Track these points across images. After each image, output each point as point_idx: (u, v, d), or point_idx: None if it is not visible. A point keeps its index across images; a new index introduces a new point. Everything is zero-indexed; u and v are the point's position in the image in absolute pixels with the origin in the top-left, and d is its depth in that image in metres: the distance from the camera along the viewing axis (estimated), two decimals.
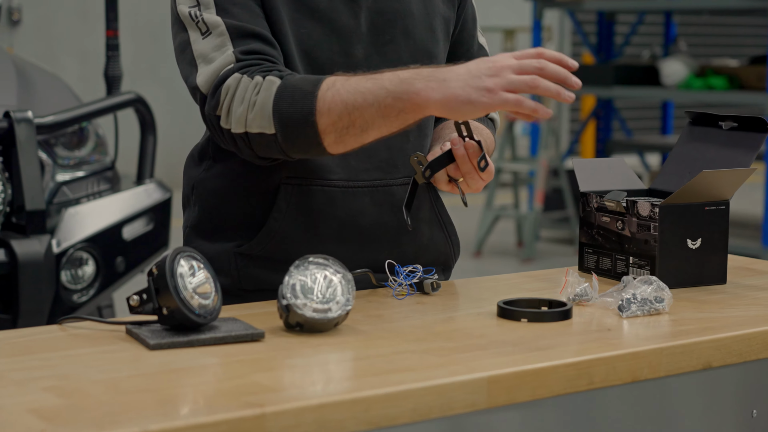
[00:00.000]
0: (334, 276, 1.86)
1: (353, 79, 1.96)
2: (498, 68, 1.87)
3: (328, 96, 1.95)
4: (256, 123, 2.00)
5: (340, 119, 1.96)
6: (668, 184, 2.36)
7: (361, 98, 1.94)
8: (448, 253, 2.36)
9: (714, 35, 15.06)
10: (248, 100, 2.00)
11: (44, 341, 1.81)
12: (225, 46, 2.04)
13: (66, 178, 4.06)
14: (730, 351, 1.87)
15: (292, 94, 1.97)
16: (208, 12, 2.07)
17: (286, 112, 1.97)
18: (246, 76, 2.01)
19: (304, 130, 1.98)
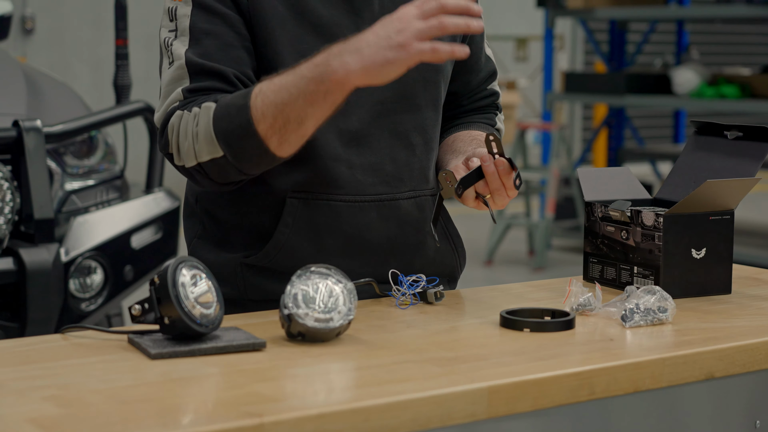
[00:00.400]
0: (336, 286, 1.87)
1: (277, 78, 1.98)
2: (404, 22, 1.87)
3: (258, 102, 1.98)
4: (205, 151, 2.03)
5: (276, 120, 1.98)
6: (673, 194, 2.35)
7: (287, 93, 1.96)
8: (454, 265, 2.35)
9: (726, 44, 15.04)
10: (191, 132, 2.04)
11: (46, 350, 1.82)
12: (182, 80, 2.09)
13: (75, 186, 4.07)
14: (733, 361, 1.87)
15: (228, 112, 2.01)
16: (179, 41, 2.11)
17: (227, 130, 2.01)
18: (186, 111, 2.05)
19: (249, 142, 2.00)
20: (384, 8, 2.18)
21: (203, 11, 2.10)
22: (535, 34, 12.77)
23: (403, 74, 2.18)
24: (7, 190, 3.77)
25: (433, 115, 2.27)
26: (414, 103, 2.23)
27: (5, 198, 3.76)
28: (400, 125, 2.21)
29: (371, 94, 2.17)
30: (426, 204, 2.25)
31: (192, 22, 2.10)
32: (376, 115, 2.19)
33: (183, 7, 2.12)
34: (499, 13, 13.28)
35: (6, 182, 3.77)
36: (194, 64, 2.08)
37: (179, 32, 2.12)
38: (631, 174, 2.42)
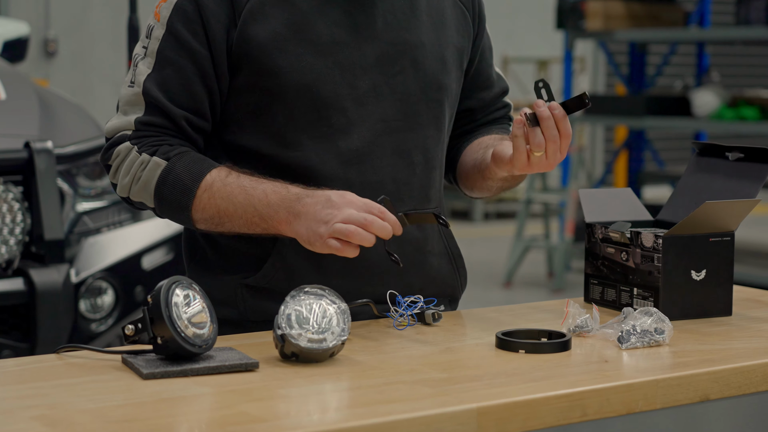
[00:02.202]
0: (329, 306, 1.86)
1: (229, 186, 2.09)
2: (331, 216, 2.00)
3: (204, 197, 2.09)
4: (139, 195, 2.14)
5: (212, 219, 2.10)
6: (674, 215, 2.34)
7: (232, 208, 2.08)
8: (455, 285, 2.34)
9: (746, 65, 15.00)
10: (133, 174, 2.13)
11: (39, 370, 1.82)
12: (137, 106, 2.15)
13: (87, 207, 4.09)
14: (729, 384, 1.86)
15: (173, 184, 2.10)
16: (145, 64, 2.16)
17: (166, 197, 2.12)
18: (135, 150, 2.13)
19: (179, 216, 2.13)
20: (387, 25, 2.19)
21: (174, 40, 2.14)
22: (555, 56, 12.77)
23: (405, 93, 2.19)
24: (18, 210, 3.79)
25: (435, 134, 2.26)
26: (416, 122, 2.23)
27: (16, 219, 3.78)
28: (402, 144, 2.21)
29: (373, 112, 2.17)
30: (427, 223, 2.25)
31: (160, 48, 2.14)
32: (378, 134, 2.19)
33: (158, 29, 2.15)
34: (520, 35, 13.29)
35: (17, 203, 3.79)
36: (150, 96, 2.14)
37: (148, 52, 2.16)
38: (633, 195, 2.41)
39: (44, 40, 10.93)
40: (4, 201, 3.78)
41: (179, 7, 2.13)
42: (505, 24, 13.27)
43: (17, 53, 5.28)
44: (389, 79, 2.20)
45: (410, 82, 2.21)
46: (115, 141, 2.15)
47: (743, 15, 8.20)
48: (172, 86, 2.13)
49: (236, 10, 2.12)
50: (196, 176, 2.09)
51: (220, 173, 2.09)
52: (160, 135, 2.14)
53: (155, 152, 2.11)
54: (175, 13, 2.13)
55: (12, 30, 5.37)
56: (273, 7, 2.13)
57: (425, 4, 2.26)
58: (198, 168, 2.10)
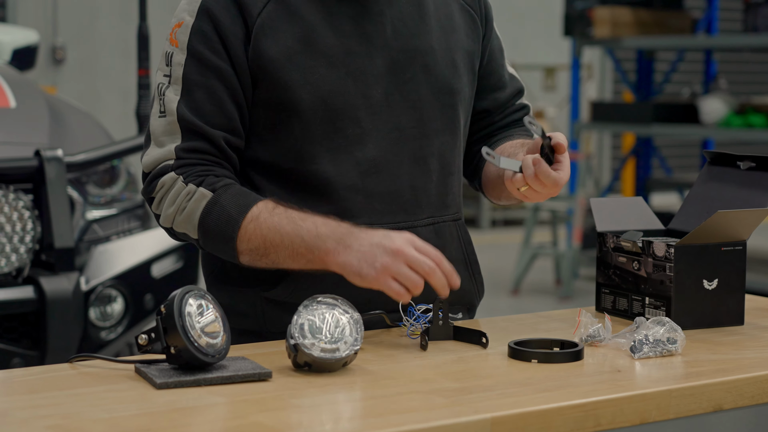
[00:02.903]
0: (342, 316, 1.87)
1: (277, 217, 2.06)
2: (395, 252, 1.97)
3: (249, 228, 2.07)
4: (182, 226, 2.12)
5: (257, 250, 2.08)
6: (686, 225, 2.34)
7: (279, 239, 2.05)
8: (472, 292, 2.33)
9: (754, 73, 14.99)
10: (178, 205, 2.11)
11: (53, 380, 1.82)
12: (174, 135, 2.12)
13: (96, 215, 4.10)
14: (742, 393, 1.86)
15: (218, 216, 2.08)
16: (172, 91, 2.13)
17: (210, 229, 2.10)
18: (181, 180, 2.11)
19: (223, 248, 2.10)
20: (396, 32, 2.19)
21: (197, 62, 2.12)
22: (563, 63, 12.77)
23: (418, 99, 2.19)
24: (28, 219, 3.79)
25: (450, 140, 2.27)
26: (430, 128, 2.23)
27: (26, 227, 3.79)
28: (418, 151, 2.22)
29: (387, 120, 2.18)
30: (444, 230, 2.25)
31: (185, 73, 2.12)
32: (393, 142, 2.19)
33: (178, 55, 2.14)
34: (527, 42, 13.29)
35: (27, 211, 3.79)
36: (186, 122, 2.11)
37: (173, 80, 2.14)
38: (645, 204, 2.41)
39: (52, 48, 10.94)
40: (15, 209, 3.78)
41: (197, 29, 2.12)
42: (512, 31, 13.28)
43: (26, 61, 5.29)
44: (401, 87, 2.20)
45: (422, 88, 2.22)
46: (157, 173, 2.12)
47: (751, 22, 8.20)
48: (204, 108, 2.12)
49: (248, 25, 2.12)
50: (243, 208, 2.07)
51: (267, 205, 2.07)
52: (205, 164, 2.12)
53: (201, 183, 2.09)
54: (194, 35, 2.12)
55: (21, 38, 5.38)
56: (282, 22, 2.13)
57: (433, 10, 2.26)
58: (244, 200, 2.08)
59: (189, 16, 2.14)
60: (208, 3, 2.13)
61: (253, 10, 2.12)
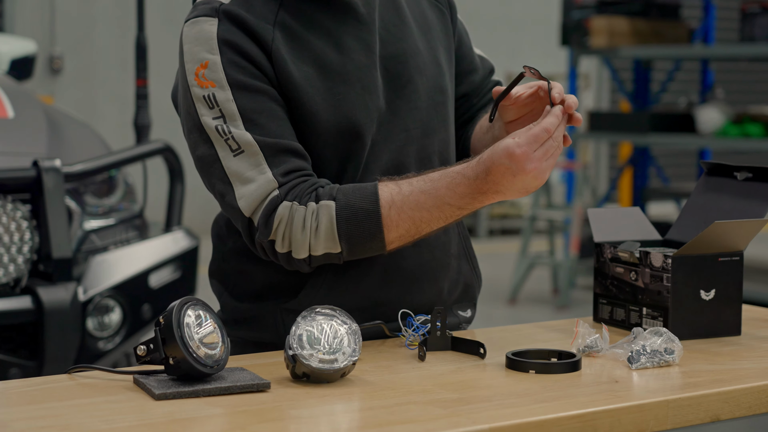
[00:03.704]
0: (340, 327, 1.87)
1: (412, 195, 2.05)
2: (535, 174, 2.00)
3: (393, 215, 2.05)
4: (322, 246, 2.06)
5: (408, 232, 2.07)
6: (683, 235, 2.35)
7: (428, 215, 2.05)
8: (474, 285, 2.37)
9: (751, 82, 15.01)
10: (309, 228, 2.05)
11: (52, 390, 1.83)
12: (260, 165, 2.05)
13: (94, 226, 4.10)
14: (739, 404, 1.86)
15: (355, 215, 2.04)
16: (235, 126, 2.06)
17: (353, 233, 2.05)
18: (297, 204, 2.05)
19: (372, 246, 2.07)
20: (384, 39, 2.20)
21: (245, 91, 2.07)
22: (560, 72, 12.78)
23: (416, 101, 2.21)
24: (26, 229, 3.80)
25: (446, 136, 2.29)
26: (429, 127, 2.25)
27: (24, 237, 3.79)
28: (422, 151, 2.24)
29: (395, 126, 2.20)
30: (449, 226, 2.26)
31: (239, 105, 2.06)
32: (401, 146, 2.21)
33: (221, 92, 2.07)
34: (524, 51, 13.31)
35: (25, 221, 3.80)
36: (269, 145, 2.06)
37: (228, 117, 2.07)
38: (642, 214, 2.42)
39: (49, 58, 10.95)
40: (13, 219, 3.79)
41: (228, 62, 2.08)
42: (509, 40, 13.30)
43: (24, 71, 5.30)
44: (400, 91, 2.21)
45: (419, 89, 2.23)
46: (268, 209, 2.05)
47: (747, 32, 8.21)
48: (276, 129, 2.07)
49: (266, 53, 2.10)
50: (372, 199, 2.05)
51: (391, 188, 2.06)
52: (306, 178, 2.07)
53: (317, 197, 2.05)
54: (228, 68, 2.07)
55: (19, 48, 5.39)
56: (292, 49, 2.12)
57: (408, 12, 2.28)
58: (364, 192, 2.05)
59: (211, 54, 2.08)
60: (225, 36, 2.08)
61: (266, 38, 2.10)
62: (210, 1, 2.13)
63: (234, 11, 2.11)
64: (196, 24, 2.12)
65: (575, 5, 8.84)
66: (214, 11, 2.11)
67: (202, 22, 2.11)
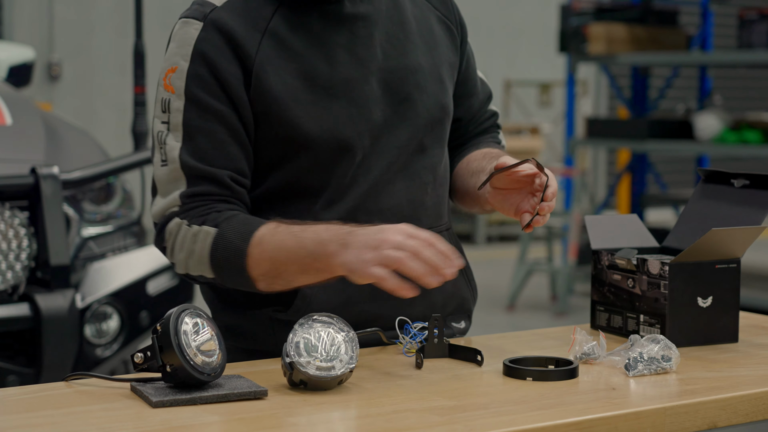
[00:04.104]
0: (338, 334, 1.87)
1: (279, 235, 2.02)
2: (379, 242, 1.91)
3: (255, 253, 2.03)
4: (197, 269, 2.09)
5: (269, 273, 2.04)
6: (681, 242, 2.35)
7: (285, 256, 2.01)
8: (469, 299, 2.36)
9: (749, 89, 15.02)
10: (187, 249, 2.08)
11: (49, 398, 1.83)
12: (178, 182, 2.10)
13: (92, 233, 4.10)
14: (736, 411, 1.86)
15: (225, 248, 2.05)
16: (175, 138, 2.10)
17: (222, 264, 2.07)
18: (185, 224, 2.08)
19: (239, 280, 2.07)
20: (386, 54, 2.20)
21: (196, 107, 2.09)
22: (558, 79, 12.80)
23: (414, 118, 2.20)
24: (24, 236, 3.80)
25: (439, 153, 2.28)
26: (423, 144, 2.24)
27: (22, 244, 3.79)
28: (412, 166, 2.23)
29: (388, 142, 2.19)
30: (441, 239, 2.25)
31: (185, 119, 2.10)
32: (392, 160, 2.20)
33: (176, 101, 2.10)
34: (522, 58, 13.32)
35: (23, 228, 3.80)
36: (189, 168, 2.09)
37: (172, 126, 2.11)
38: (639, 222, 2.42)
39: (48, 64, 10.96)
40: (10, 226, 3.79)
41: (193, 74, 2.09)
42: (507, 47, 13.31)
43: (22, 78, 5.30)
44: (398, 107, 2.21)
45: (417, 106, 2.23)
46: (164, 222, 2.11)
47: (745, 39, 8.22)
48: (207, 153, 2.09)
49: (246, 67, 2.10)
50: (246, 235, 2.04)
51: (269, 227, 2.04)
52: (207, 203, 2.09)
53: (204, 222, 2.07)
54: (191, 80, 2.09)
55: (17, 55, 5.39)
56: (278, 59, 2.12)
57: (415, 27, 2.27)
58: (247, 228, 2.05)
59: (183, 61, 2.10)
60: (201, 46, 2.10)
61: (250, 50, 2.10)
62: (204, 3, 2.14)
63: (221, 20, 2.11)
64: (185, 25, 2.13)
65: (573, 12, 8.85)
66: (203, 16, 2.12)
67: (190, 24, 2.12)
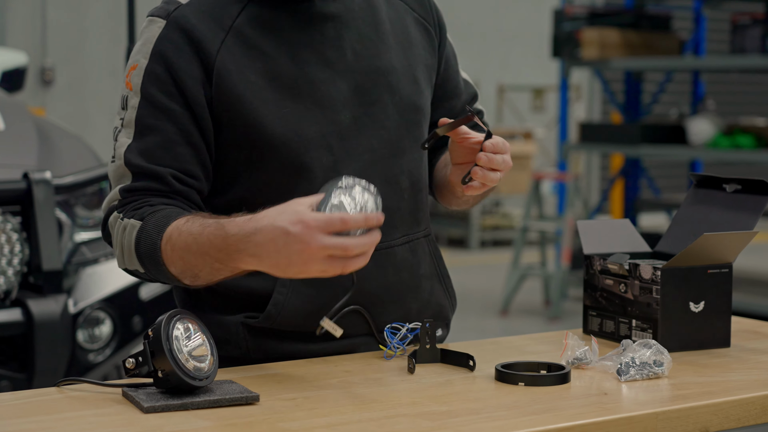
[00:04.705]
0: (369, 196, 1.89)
1: (183, 235, 1.98)
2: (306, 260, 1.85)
3: (167, 250, 2.01)
4: (130, 263, 2.07)
5: (185, 271, 2.00)
6: (673, 247, 2.35)
7: (192, 258, 1.97)
8: (447, 307, 2.33)
9: (742, 94, 15.04)
10: (119, 243, 2.08)
11: (41, 404, 1.82)
12: (124, 178, 2.09)
13: (85, 238, 4.09)
14: (728, 416, 1.86)
15: (146, 242, 2.03)
16: (125, 134, 2.10)
17: (145, 258, 2.04)
18: (119, 218, 2.08)
19: (165, 275, 2.04)
20: (357, 55, 2.18)
21: (150, 106, 2.09)
22: (551, 84, 12.81)
23: (386, 120, 2.19)
24: (16, 241, 3.79)
25: (417, 156, 2.26)
26: (399, 147, 2.22)
27: (14, 249, 3.79)
28: (389, 171, 2.21)
29: (358, 144, 2.17)
30: (418, 247, 2.25)
31: (138, 116, 2.09)
32: (366, 165, 2.17)
33: (133, 98, 2.10)
34: (516, 63, 13.34)
35: (15, 233, 3.79)
36: (133, 166, 2.08)
37: (126, 123, 2.11)
38: (632, 226, 2.42)
39: (41, 69, 10.95)
40: (3, 231, 3.78)
41: (150, 72, 2.09)
42: (500, 52, 13.32)
43: (15, 83, 5.30)
44: (368, 109, 2.19)
45: (389, 109, 2.21)
46: (106, 215, 2.12)
47: (738, 44, 8.24)
48: (153, 151, 2.08)
49: (207, 67, 2.09)
50: (161, 228, 2.01)
51: (179, 222, 2.00)
52: (143, 197, 2.08)
53: (133, 216, 2.06)
54: (147, 78, 2.09)
55: (10, 60, 5.39)
56: (242, 58, 2.10)
57: (390, 27, 2.25)
58: (164, 221, 2.02)
59: (143, 59, 2.10)
60: (161, 45, 2.09)
61: (211, 49, 2.09)
62: (171, 1, 2.14)
63: (183, 18, 2.10)
64: (150, 23, 2.14)
65: (567, 17, 8.86)
66: (167, 14, 2.12)
67: (154, 23, 2.13)
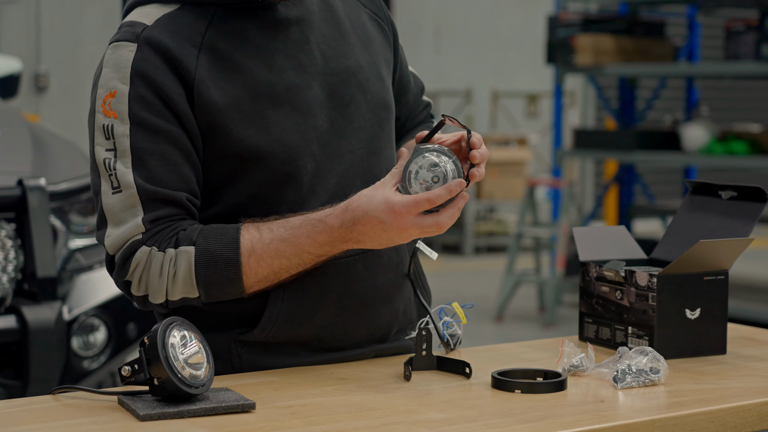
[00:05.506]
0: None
1: (273, 243, 2.03)
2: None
3: (252, 263, 2.03)
4: (179, 291, 2.04)
5: (267, 278, 2.05)
6: (668, 254, 2.35)
7: (287, 262, 2.04)
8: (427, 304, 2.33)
9: (736, 100, 15.06)
10: (167, 274, 2.03)
11: (36, 412, 1.82)
12: (135, 208, 2.02)
13: (79, 244, 4.09)
14: (725, 423, 1.86)
15: (214, 262, 2.02)
16: (123, 164, 2.03)
17: (211, 280, 2.03)
18: (156, 250, 2.02)
19: (230, 291, 2.05)
20: (325, 56, 2.17)
21: (144, 130, 2.03)
22: (545, 90, 12.82)
23: (361, 120, 2.19)
24: (10, 248, 3.78)
25: (390, 153, 2.27)
26: (375, 145, 2.22)
27: (8, 256, 3.78)
28: (369, 170, 2.20)
29: (339, 147, 2.16)
30: (401, 246, 2.24)
31: (133, 143, 2.03)
32: (348, 167, 2.17)
33: (120, 126, 2.03)
34: (510, 69, 13.35)
35: (10, 240, 3.79)
36: (146, 192, 2.02)
37: (119, 152, 2.03)
38: (627, 233, 2.42)
39: (35, 75, 10.95)
40: None
41: (135, 96, 2.03)
42: (494, 58, 13.33)
43: (9, 90, 5.29)
44: (343, 110, 2.18)
45: (362, 108, 2.20)
46: (127, 252, 2.03)
47: (732, 50, 8.24)
48: (161, 175, 2.04)
49: (186, 84, 2.05)
50: (232, 245, 2.02)
51: (252, 234, 2.03)
52: (170, 225, 2.04)
53: (177, 243, 2.02)
54: (134, 102, 2.03)
55: (4, 66, 5.38)
56: (219, 72, 2.08)
57: (349, 25, 2.25)
58: (227, 237, 2.03)
59: (122, 84, 2.04)
60: (139, 66, 2.04)
61: (188, 65, 2.06)
62: (134, 24, 2.09)
63: (155, 38, 2.06)
64: (117, 48, 2.07)
65: (561, 23, 8.86)
66: (135, 37, 2.07)
67: (122, 47, 2.07)
